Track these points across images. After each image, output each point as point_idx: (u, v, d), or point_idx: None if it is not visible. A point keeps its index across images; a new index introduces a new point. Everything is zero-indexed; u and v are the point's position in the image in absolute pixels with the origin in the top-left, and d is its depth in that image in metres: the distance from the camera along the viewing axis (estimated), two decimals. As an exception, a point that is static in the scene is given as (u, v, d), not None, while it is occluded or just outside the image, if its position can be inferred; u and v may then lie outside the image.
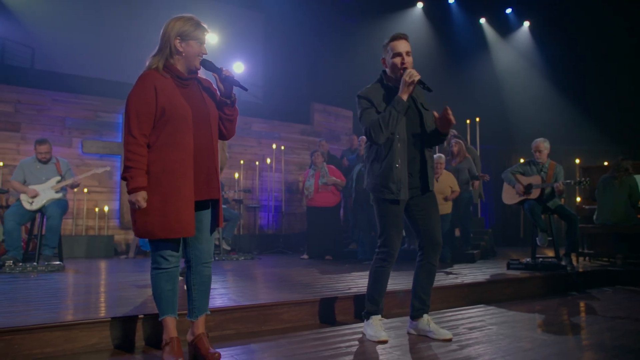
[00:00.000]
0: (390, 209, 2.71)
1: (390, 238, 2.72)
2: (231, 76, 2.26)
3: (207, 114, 2.26)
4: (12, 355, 2.30)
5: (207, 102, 2.29)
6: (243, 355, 2.39)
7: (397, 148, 2.66)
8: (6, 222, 5.07)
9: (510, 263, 5.20)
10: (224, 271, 5.06)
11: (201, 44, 2.23)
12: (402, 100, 2.62)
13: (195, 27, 2.21)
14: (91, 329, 2.48)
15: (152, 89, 2.13)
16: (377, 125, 2.61)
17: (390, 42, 2.75)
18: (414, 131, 2.72)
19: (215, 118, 2.30)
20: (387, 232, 2.72)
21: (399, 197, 2.67)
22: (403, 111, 2.64)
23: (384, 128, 2.60)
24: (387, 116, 2.61)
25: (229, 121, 2.36)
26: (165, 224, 2.10)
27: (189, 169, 2.16)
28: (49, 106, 7.07)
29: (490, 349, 2.51)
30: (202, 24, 2.26)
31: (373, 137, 2.64)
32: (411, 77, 2.60)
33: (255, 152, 8.79)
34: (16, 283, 4.02)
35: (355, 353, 2.44)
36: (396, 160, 2.66)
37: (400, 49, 2.71)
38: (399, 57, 2.70)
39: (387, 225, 2.72)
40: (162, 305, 2.23)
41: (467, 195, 6.43)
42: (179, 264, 2.28)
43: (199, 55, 2.22)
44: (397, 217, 2.72)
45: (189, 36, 2.20)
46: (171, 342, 2.19)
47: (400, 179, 2.66)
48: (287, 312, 3.07)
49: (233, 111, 2.35)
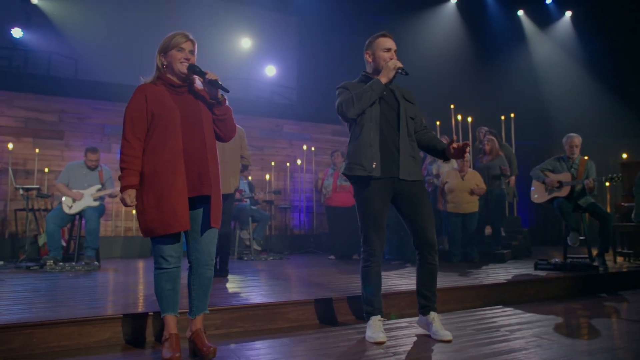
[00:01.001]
0: (368, 191, 2.70)
1: (368, 238, 2.73)
2: (215, 79, 2.36)
3: (199, 117, 2.37)
4: (31, 348, 2.49)
5: (200, 107, 2.41)
6: (243, 351, 2.48)
7: (369, 129, 2.71)
8: (48, 225, 5.42)
9: (538, 263, 5.05)
10: (253, 270, 5.19)
11: (181, 51, 2.35)
12: (380, 81, 2.70)
13: (172, 37, 2.37)
14: (104, 324, 2.64)
15: (143, 97, 2.31)
16: (350, 100, 2.70)
17: (378, 39, 2.85)
18: (390, 120, 2.77)
19: (208, 121, 2.41)
20: (365, 231, 2.74)
21: (372, 173, 2.67)
22: (379, 91, 2.70)
23: (355, 102, 2.68)
24: (361, 92, 2.69)
25: (220, 121, 2.46)
26: (163, 221, 2.23)
27: (180, 168, 2.27)
28: (89, 114, 7.47)
29: (489, 351, 2.48)
30: (182, 32, 2.39)
31: (344, 110, 2.71)
32: (395, 64, 2.71)
33: (286, 153, 8.93)
34: (52, 281, 4.31)
35: (350, 353, 2.47)
36: (369, 141, 2.69)
37: (389, 45, 2.83)
38: (389, 52, 2.81)
39: (365, 221, 2.73)
40: (163, 303, 2.36)
41: (499, 193, 6.27)
42: (179, 265, 2.40)
43: (182, 61, 2.34)
44: (376, 207, 2.70)
45: (167, 47, 2.36)
46: (170, 337, 2.31)
47: (374, 156, 2.69)
48: (293, 311, 3.14)
49: (223, 110, 2.45)
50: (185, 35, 2.41)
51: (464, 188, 5.96)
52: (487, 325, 3.09)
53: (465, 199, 5.97)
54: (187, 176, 2.29)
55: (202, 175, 2.33)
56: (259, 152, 8.70)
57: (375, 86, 2.69)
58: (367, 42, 2.90)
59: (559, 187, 5.12)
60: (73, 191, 5.47)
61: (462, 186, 5.96)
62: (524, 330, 2.94)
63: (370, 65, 2.87)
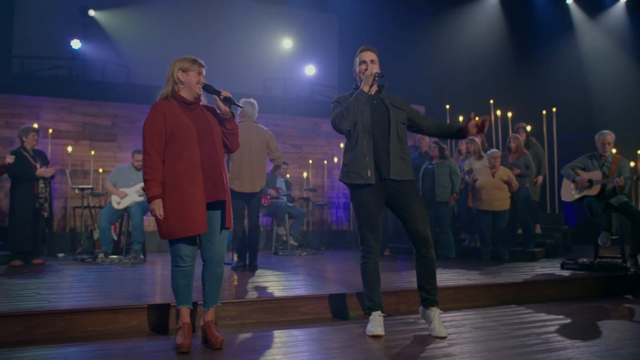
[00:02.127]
0: (364, 197, 2.92)
1: (364, 237, 2.97)
2: (229, 97, 2.65)
3: (211, 131, 2.66)
4: (72, 331, 2.88)
5: (210, 121, 2.70)
6: (251, 340, 2.76)
7: (363, 139, 2.93)
8: (100, 221, 5.97)
9: (566, 263, 5.00)
10: (283, 265, 5.48)
11: (199, 74, 2.65)
12: (363, 91, 2.91)
13: (192, 62, 2.67)
14: (132, 313, 3.00)
15: (161, 115, 2.59)
16: (340, 114, 2.92)
17: (359, 54, 3.08)
18: (382, 127, 2.97)
19: (218, 134, 2.70)
20: (362, 230, 2.97)
21: (368, 181, 2.89)
22: (363, 100, 2.90)
23: (346, 115, 2.89)
24: (348, 105, 2.91)
25: (230, 134, 2.75)
26: (184, 225, 2.54)
27: (198, 178, 2.57)
28: (140, 118, 8.03)
29: (478, 348, 2.61)
30: (199, 60, 2.69)
31: (337, 124, 2.95)
32: (370, 71, 2.92)
33: (324, 151, 9.17)
34: (100, 273, 4.78)
35: (349, 345, 2.69)
36: (364, 150, 2.92)
37: (365, 57, 3.04)
38: (364, 64, 3.02)
39: (360, 222, 2.97)
40: (178, 297, 2.67)
41: (525, 193, 6.22)
42: (193, 264, 2.71)
43: (199, 84, 2.63)
44: (371, 209, 2.92)
45: (188, 69, 2.65)
46: (183, 326, 2.62)
47: (369, 165, 2.91)
48: (305, 305, 3.38)
49: (233, 125, 2.74)
50: (202, 63, 2.71)
51: (495, 185, 5.94)
52: (488, 324, 3.19)
53: (495, 196, 5.96)
54: (204, 185, 2.59)
55: (217, 183, 2.63)
56: (298, 151, 8.99)
57: (359, 96, 2.91)
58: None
59: (589, 186, 5.03)
60: (119, 190, 5.98)
61: (493, 183, 5.95)
62: (524, 329, 3.03)
63: (356, 78, 3.10)
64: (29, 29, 8.62)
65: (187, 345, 2.53)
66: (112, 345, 2.70)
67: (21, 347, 2.63)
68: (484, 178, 6.02)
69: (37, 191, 5.46)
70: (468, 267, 5.27)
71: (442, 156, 6.18)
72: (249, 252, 4.93)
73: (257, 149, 4.83)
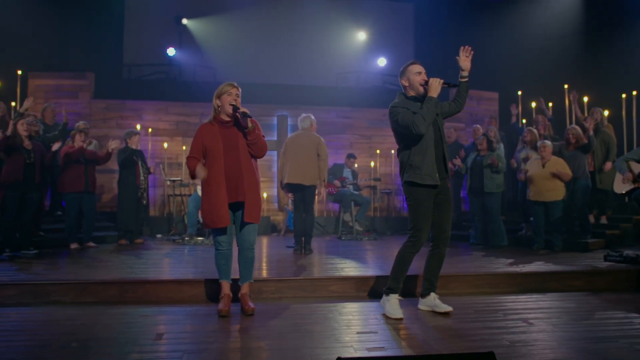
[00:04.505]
0: (425, 196, 3.26)
1: (421, 230, 3.27)
2: (244, 112, 3.24)
3: (236, 146, 3.32)
4: (148, 296, 3.78)
5: (239, 136, 3.35)
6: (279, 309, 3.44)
7: (431, 146, 3.26)
8: (188, 207, 7.05)
9: (610, 255, 5.03)
10: (338, 250, 6.12)
11: (229, 95, 3.30)
12: (433, 97, 3.24)
13: (224, 87, 3.33)
14: (193, 285, 3.84)
15: (200, 134, 3.37)
16: (420, 118, 3.18)
17: (410, 66, 3.39)
18: (439, 133, 3.32)
19: (244, 146, 3.34)
20: (419, 225, 3.27)
21: (437, 182, 3.24)
22: (435, 106, 3.24)
23: (426, 118, 3.18)
24: (425, 110, 3.21)
25: (252, 144, 3.35)
26: (212, 219, 3.28)
27: (222, 182, 3.28)
28: (223, 115, 9.08)
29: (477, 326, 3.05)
30: (231, 83, 3.33)
31: (417, 128, 3.17)
32: (439, 81, 3.24)
33: (393, 140, 9.50)
34: (183, 251, 5.78)
35: (376, 322, 3.26)
36: (431, 154, 3.25)
37: (419, 69, 3.36)
38: (420, 75, 3.34)
39: (419, 217, 3.28)
40: (220, 273, 3.43)
41: (584, 183, 6.15)
42: (230, 248, 3.43)
43: (230, 103, 3.30)
44: (429, 207, 3.28)
45: (221, 93, 3.33)
46: (224, 296, 3.37)
47: (436, 169, 3.26)
48: (333, 284, 4.00)
49: (253, 136, 3.32)
50: (233, 84, 3.36)
51: (545, 176, 5.97)
52: (492, 308, 3.57)
53: (546, 186, 5.99)
54: (227, 188, 3.29)
55: (238, 187, 3.30)
56: (367, 141, 9.49)
57: (432, 102, 3.23)
58: (400, 70, 3.44)
59: (634, 180, 4.99)
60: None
61: (543, 174, 5.98)
62: (529, 315, 3.37)
63: (407, 88, 3.40)
64: (133, 40, 10.04)
65: (225, 311, 3.28)
66: (177, 308, 3.54)
67: (113, 305, 3.57)
68: (534, 169, 6.08)
69: (139, 182, 6.62)
70: (507, 255, 5.53)
71: (490, 148, 6.35)
72: (304, 238, 5.64)
73: (307, 153, 5.62)
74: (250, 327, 3.06)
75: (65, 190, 5.95)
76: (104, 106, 8.73)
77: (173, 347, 2.69)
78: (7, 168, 4.92)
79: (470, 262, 5.12)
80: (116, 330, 2.96)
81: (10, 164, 4.91)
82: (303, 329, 3.00)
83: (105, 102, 8.74)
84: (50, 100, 7.95)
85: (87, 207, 6.07)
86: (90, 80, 8.78)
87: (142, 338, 2.81)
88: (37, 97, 8.48)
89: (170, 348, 2.67)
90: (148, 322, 3.14)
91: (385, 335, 2.90)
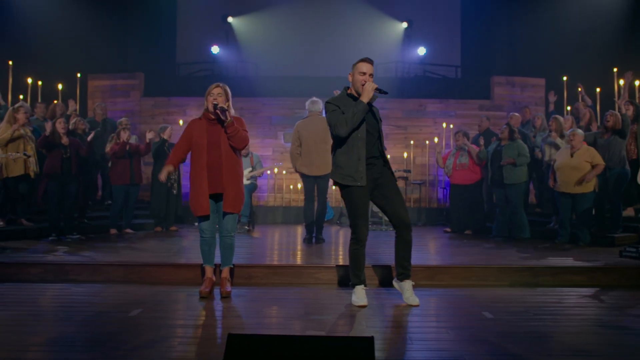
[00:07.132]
0: (355, 195, 3.41)
1: (357, 226, 3.45)
2: (223, 107, 3.51)
3: (218, 142, 3.60)
4: (150, 278, 4.19)
5: (221, 132, 3.63)
6: (260, 293, 3.71)
7: (358, 147, 3.38)
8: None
9: (626, 250, 4.78)
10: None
11: (211, 95, 3.59)
12: (363, 102, 3.34)
13: (209, 88, 3.63)
14: (189, 269, 4.20)
15: (190, 128, 3.70)
16: (343, 121, 3.34)
17: (359, 63, 3.47)
18: (373, 135, 3.43)
19: (225, 142, 3.62)
20: (355, 221, 3.46)
21: (362, 184, 3.37)
22: (364, 111, 3.34)
23: (349, 123, 3.33)
24: (350, 114, 3.34)
25: (231, 137, 3.59)
26: (195, 208, 3.62)
27: (204, 175, 3.58)
28: (261, 109, 9.47)
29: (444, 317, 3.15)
30: (216, 84, 3.63)
31: (337, 130, 3.35)
32: (372, 86, 3.34)
33: (430, 131, 9.45)
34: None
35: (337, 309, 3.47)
36: (358, 155, 3.37)
37: (364, 69, 3.42)
38: (364, 75, 3.41)
39: (355, 215, 3.46)
40: (203, 258, 3.76)
41: (619, 171, 5.77)
42: (213, 236, 3.74)
43: (211, 102, 3.58)
44: (362, 205, 3.43)
45: (207, 94, 3.63)
46: (206, 279, 3.70)
47: (362, 169, 3.37)
48: (318, 272, 4.20)
49: (231, 130, 3.56)
50: (216, 85, 3.66)
51: (573, 166, 5.68)
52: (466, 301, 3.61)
53: (573, 177, 5.69)
54: (208, 180, 3.59)
55: (217, 180, 3.60)
56: (403, 131, 9.47)
57: (360, 107, 3.34)
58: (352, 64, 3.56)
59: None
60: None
61: (571, 164, 5.70)
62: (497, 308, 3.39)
63: (351, 84, 3.52)
64: (185, 39, 10.72)
65: (206, 293, 3.62)
66: (172, 289, 3.92)
67: (120, 284, 4.04)
68: (562, 158, 5.81)
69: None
70: (523, 248, 5.41)
71: (511, 138, 6.17)
72: (316, 227, 5.84)
73: (322, 138, 5.64)
74: (218, 307, 3.37)
75: (114, 183, 6.65)
76: (152, 103, 9.45)
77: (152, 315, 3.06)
78: (48, 162, 5.61)
79: (474, 254, 5.09)
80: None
81: (51, 159, 5.59)
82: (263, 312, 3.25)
83: (153, 99, 9.46)
84: (106, 100, 8.81)
85: (131, 197, 6.71)
86: (140, 79, 9.52)
87: (118, 312, 3.21)
88: (95, 97, 9.40)
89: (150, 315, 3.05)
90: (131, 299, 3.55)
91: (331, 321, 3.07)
